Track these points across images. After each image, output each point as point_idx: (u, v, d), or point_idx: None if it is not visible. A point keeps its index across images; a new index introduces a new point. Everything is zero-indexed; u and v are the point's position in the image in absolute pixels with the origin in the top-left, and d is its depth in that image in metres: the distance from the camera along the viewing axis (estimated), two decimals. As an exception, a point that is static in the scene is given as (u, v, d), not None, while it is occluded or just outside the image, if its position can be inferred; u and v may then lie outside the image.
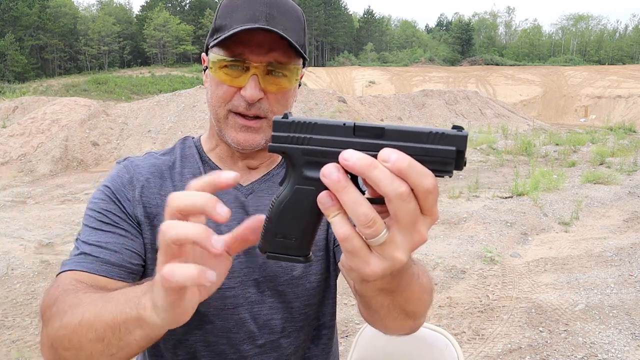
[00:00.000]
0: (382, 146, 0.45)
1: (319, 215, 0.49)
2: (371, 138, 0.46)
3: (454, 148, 0.44)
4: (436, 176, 0.44)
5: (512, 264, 4.91)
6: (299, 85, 0.95)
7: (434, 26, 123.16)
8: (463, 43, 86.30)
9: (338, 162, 0.44)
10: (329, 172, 0.44)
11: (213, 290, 0.55)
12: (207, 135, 1.00)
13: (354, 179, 0.46)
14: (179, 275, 0.46)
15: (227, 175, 0.49)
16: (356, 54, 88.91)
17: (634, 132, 18.70)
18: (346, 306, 3.92)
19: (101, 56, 74.59)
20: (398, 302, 0.63)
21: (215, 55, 0.85)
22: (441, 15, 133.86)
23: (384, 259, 0.46)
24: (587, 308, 3.87)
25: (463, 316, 3.79)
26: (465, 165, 0.45)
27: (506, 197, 7.34)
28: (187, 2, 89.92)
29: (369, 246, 0.46)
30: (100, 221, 0.85)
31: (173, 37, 73.06)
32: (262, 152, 0.95)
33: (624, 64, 70.46)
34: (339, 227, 0.45)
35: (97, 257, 0.81)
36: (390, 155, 0.43)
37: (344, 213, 0.45)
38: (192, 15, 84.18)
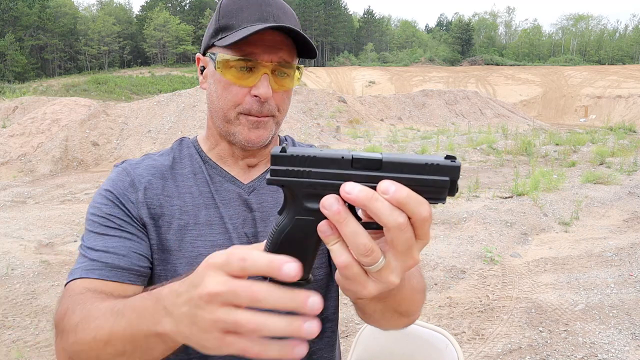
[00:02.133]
0: (380, 178, 0.47)
1: (317, 242, 0.51)
2: (369, 170, 0.47)
3: (447, 178, 0.47)
4: (430, 203, 0.47)
5: (512, 264, 4.91)
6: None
7: (434, 26, 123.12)
8: (463, 43, 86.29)
9: (338, 194, 0.46)
10: (330, 204, 0.46)
11: None
12: (204, 136, 1.00)
13: (351, 207, 0.48)
14: (272, 353, 0.47)
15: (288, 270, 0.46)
16: (356, 54, 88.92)
17: (634, 132, 18.71)
18: (346, 306, 3.91)
19: (101, 56, 74.60)
20: (391, 305, 0.66)
21: (223, 55, 0.85)
22: (441, 15, 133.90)
23: (380, 283, 0.49)
24: (587, 308, 3.87)
25: (463, 316, 3.79)
26: (457, 191, 0.48)
27: (506, 197, 7.34)
28: (187, 2, 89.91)
29: (365, 271, 0.48)
30: (106, 226, 0.84)
31: (173, 37, 73.09)
32: (262, 150, 0.96)
33: (624, 64, 70.50)
34: (338, 255, 0.47)
35: (105, 262, 0.80)
36: (389, 187, 0.45)
37: (343, 241, 0.47)
38: (192, 15, 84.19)
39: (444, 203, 0.48)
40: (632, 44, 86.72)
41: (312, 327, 0.47)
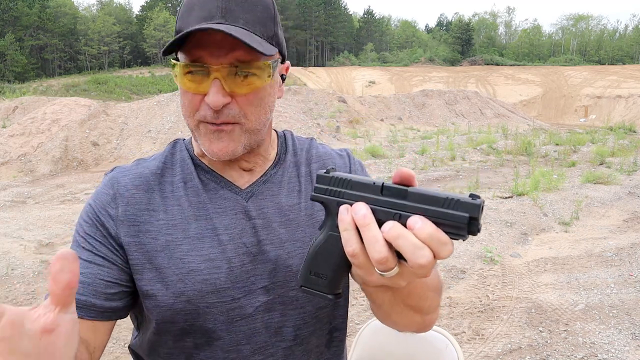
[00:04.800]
0: (404, 205, 0.51)
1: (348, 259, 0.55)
2: (395, 198, 0.52)
3: (467, 214, 0.48)
4: (451, 238, 0.50)
5: (512, 264, 4.91)
6: (283, 79, 0.87)
7: (434, 26, 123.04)
8: (463, 43, 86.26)
9: None
10: (359, 208, 0.51)
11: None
12: None
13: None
14: None
15: None
16: (356, 54, 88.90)
17: (634, 132, 18.72)
18: (346, 306, 3.91)
19: (101, 56, 74.60)
20: (400, 297, 0.67)
21: (176, 61, 0.78)
22: (441, 15, 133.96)
23: (387, 279, 0.53)
24: (587, 308, 3.87)
25: (463, 316, 3.78)
26: (479, 231, 0.49)
27: (506, 197, 7.34)
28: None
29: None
30: (82, 247, 0.81)
31: (173, 37, 73.08)
32: (253, 153, 0.88)
33: (624, 64, 70.48)
34: (348, 244, 0.51)
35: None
36: (416, 222, 0.49)
37: (357, 231, 0.51)
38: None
39: (464, 239, 0.49)
40: (632, 44, 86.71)
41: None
